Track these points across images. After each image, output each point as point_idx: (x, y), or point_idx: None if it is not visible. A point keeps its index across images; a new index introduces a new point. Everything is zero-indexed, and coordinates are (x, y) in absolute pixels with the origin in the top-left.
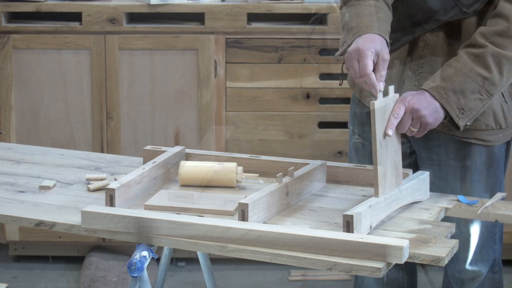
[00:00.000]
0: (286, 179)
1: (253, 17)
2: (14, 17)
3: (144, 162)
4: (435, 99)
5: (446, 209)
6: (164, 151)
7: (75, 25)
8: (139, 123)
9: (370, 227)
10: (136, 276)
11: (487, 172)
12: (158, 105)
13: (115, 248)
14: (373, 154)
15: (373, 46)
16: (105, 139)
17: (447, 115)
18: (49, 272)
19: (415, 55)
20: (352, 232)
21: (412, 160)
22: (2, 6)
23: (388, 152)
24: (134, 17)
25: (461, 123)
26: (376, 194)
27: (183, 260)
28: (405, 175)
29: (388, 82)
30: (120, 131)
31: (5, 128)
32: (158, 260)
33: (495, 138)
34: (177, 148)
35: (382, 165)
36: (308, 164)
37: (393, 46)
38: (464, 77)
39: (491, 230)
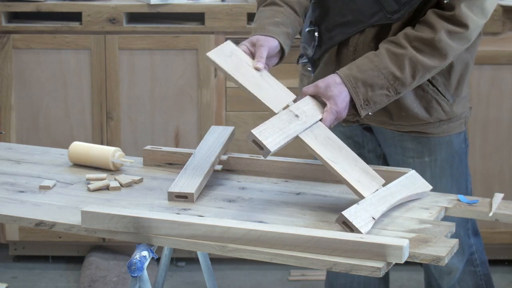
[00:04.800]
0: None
1: (253, 17)
2: (14, 17)
3: (144, 162)
4: (345, 86)
5: (446, 208)
6: (164, 151)
7: (75, 25)
8: (139, 123)
9: (373, 218)
10: (136, 276)
11: (449, 168)
12: (158, 105)
13: (115, 248)
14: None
15: (248, 41)
16: (105, 139)
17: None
18: (49, 272)
19: (345, 57)
20: (355, 228)
21: (379, 153)
22: (2, 6)
23: (349, 161)
24: (134, 17)
25: (363, 113)
26: (360, 197)
27: (183, 260)
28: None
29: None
30: (120, 131)
31: (5, 128)
32: (158, 260)
33: (439, 130)
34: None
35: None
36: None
37: (326, 45)
38: (378, 73)
39: (463, 225)
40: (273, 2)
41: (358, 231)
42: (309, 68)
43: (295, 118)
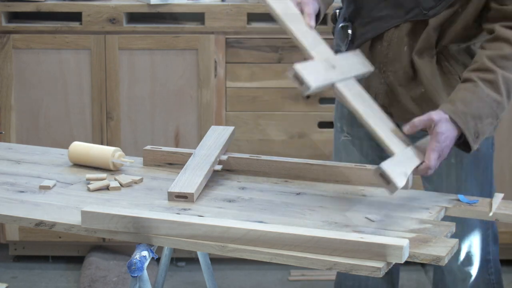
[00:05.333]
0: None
1: (253, 17)
2: (14, 17)
3: (144, 162)
4: (456, 124)
5: (446, 208)
6: (164, 151)
7: (75, 25)
8: (139, 123)
9: (406, 174)
10: (136, 276)
11: (475, 171)
12: (158, 105)
13: (115, 248)
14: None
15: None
16: (105, 139)
17: (461, 137)
18: (49, 272)
19: (379, 52)
20: (391, 181)
21: None
22: (2, 6)
23: (380, 118)
24: (134, 17)
25: (475, 146)
26: (391, 152)
27: (183, 260)
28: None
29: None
30: (120, 131)
31: (5, 128)
32: (158, 260)
33: None
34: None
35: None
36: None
37: (359, 40)
38: (482, 103)
39: (483, 231)
40: None
41: (394, 185)
42: None
43: (331, 67)
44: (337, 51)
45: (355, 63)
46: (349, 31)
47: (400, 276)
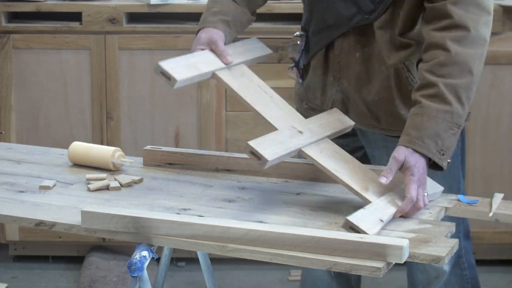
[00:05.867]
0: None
1: None
2: (14, 17)
3: (144, 162)
4: (416, 152)
5: (446, 208)
6: (164, 151)
7: (75, 25)
8: (139, 123)
9: (381, 220)
10: (136, 276)
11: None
12: (158, 105)
13: (115, 248)
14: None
15: (201, 43)
16: (105, 139)
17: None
18: (49, 272)
19: (332, 60)
20: (362, 231)
21: (360, 155)
22: (2, 6)
23: (356, 172)
24: (134, 17)
25: (444, 164)
26: (367, 202)
27: (183, 260)
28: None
29: (312, 89)
30: (120, 131)
31: (5, 128)
32: (158, 260)
33: None
34: None
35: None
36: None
37: (313, 49)
38: (434, 120)
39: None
40: None
41: (365, 232)
42: (298, 75)
43: (298, 133)
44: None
45: (252, 48)
46: (303, 39)
47: (400, 276)
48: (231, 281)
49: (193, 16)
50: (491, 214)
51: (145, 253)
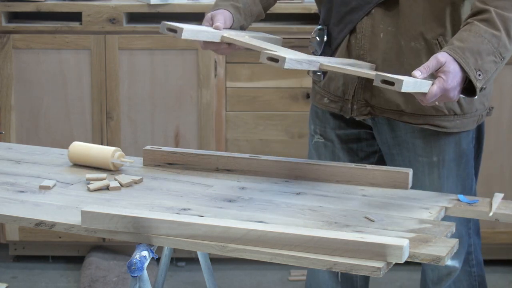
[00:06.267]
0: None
1: None
2: (14, 17)
3: (144, 162)
4: (456, 61)
5: (446, 208)
6: (164, 151)
7: (75, 25)
8: (139, 123)
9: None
10: (136, 276)
11: (456, 168)
12: (158, 105)
13: (115, 248)
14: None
15: (206, 19)
16: (105, 139)
17: (465, 77)
18: (49, 272)
19: (354, 46)
20: (396, 80)
21: (374, 160)
22: (2, 6)
23: None
24: (134, 17)
25: (479, 85)
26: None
27: (183, 260)
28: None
29: (335, 80)
30: (120, 131)
31: (5, 128)
32: (158, 260)
33: (451, 125)
34: None
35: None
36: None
37: (336, 40)
38: (480, 38)
39: (465, 225)
40: None
41: (400, 81)
42: (319, 73)
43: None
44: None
45: (263, 36)
46: (325, 33)
47: (400, 276)
48: (231, 281)
49: (193, 16)
50: (491, 214)
51: (145, 253)
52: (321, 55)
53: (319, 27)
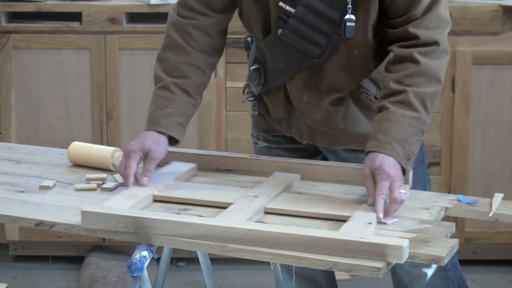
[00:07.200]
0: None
1: None
2: (14, 17)
3: None
4: (386, 155)
5: (446, 208)
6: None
7: (75, 25)
8: (139, 123)
9: (370, 223)
10: (136, 276)
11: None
12: None
13: (115, 248)
14: None
15: (141, 148)
16: (105, 139)
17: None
18: (49, 272)
19: (294, 98)
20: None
21: (320, 157)
22: (2, 6)
23: None
24: (134, 17)
25: (409, 168)
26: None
27: (183, 260)
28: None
29: (278, 122)
30: (120, 131)
31: (5, 128)
32: (158, 260)
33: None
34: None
35: None
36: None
37: (270, 84)
38: (401, 125)
39: None
40: (166, 87)
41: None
42: (255, 108)
43: (254, 198)
44: (248, 88)
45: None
46: (261, 72)
47: None
48: (231, 281)
49: None
50: (491, 214)
51: (145, 253)
52: (258, 93)
53: (254, 66)
